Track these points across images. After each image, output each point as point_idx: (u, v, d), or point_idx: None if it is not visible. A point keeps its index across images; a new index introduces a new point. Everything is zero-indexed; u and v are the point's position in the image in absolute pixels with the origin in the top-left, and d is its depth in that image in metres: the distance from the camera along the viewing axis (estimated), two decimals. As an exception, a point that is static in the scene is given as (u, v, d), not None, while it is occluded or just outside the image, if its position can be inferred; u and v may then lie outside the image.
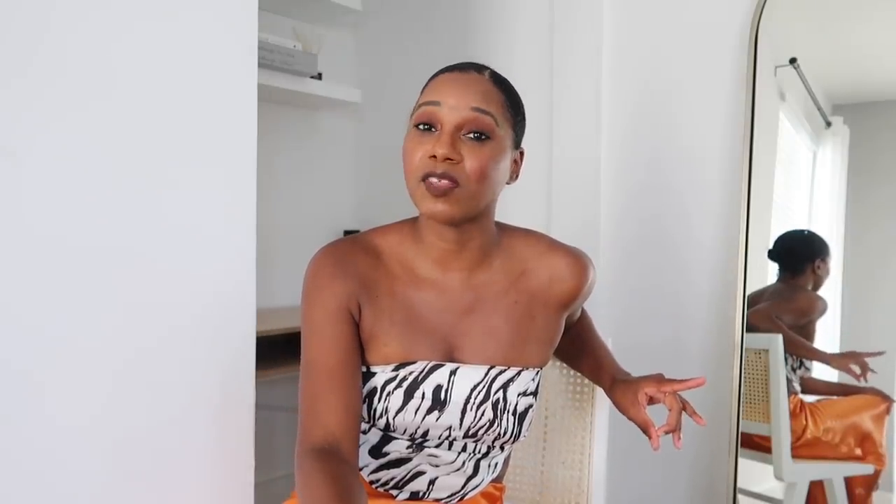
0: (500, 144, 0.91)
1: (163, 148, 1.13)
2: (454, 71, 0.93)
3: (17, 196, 0.98)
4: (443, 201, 0.88)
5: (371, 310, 0.96)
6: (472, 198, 0.90)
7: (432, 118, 0.90)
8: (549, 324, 1.01)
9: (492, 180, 0.91)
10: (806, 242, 1.74)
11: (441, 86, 0.92)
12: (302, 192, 2.29)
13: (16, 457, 0.99)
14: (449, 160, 0.88)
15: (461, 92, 0.90)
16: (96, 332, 1.06)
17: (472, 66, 0.94)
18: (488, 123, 0.90)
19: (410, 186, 0.91)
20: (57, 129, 1.02)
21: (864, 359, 1.61)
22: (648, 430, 1.01)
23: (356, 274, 0.95)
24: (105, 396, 1.07)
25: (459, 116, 0.89)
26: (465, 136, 0.89)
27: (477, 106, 0.89)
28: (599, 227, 1.88)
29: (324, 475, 0.83)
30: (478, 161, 0.89)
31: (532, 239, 1.03)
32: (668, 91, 1.81)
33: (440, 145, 0.88)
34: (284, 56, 1.97)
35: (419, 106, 0.92)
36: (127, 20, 1.08)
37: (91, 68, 1.05)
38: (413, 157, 0.90)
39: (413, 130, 0.92)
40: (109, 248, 1.07)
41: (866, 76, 1.73)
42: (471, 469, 1.01)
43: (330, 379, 0.91)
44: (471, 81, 0.91)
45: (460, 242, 0.95)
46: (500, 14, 2.07)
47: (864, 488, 1.64)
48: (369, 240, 1.00)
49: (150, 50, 1.11)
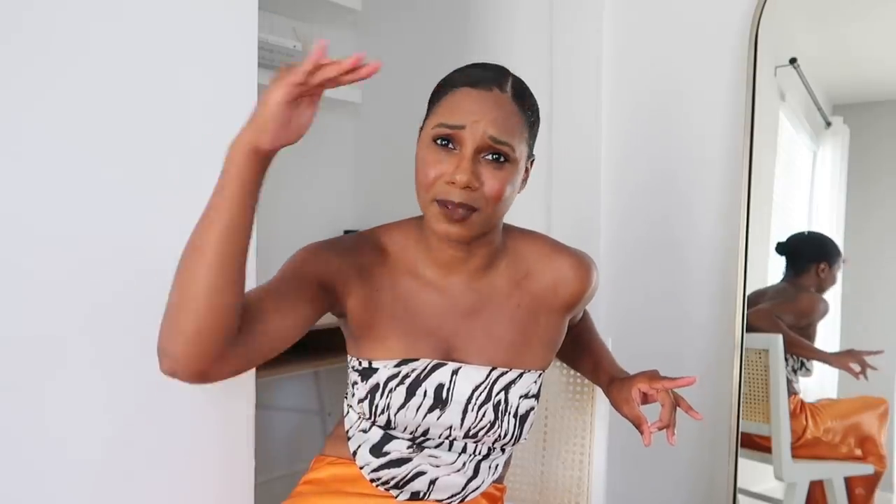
0: (517, 165, 0.92)
1: (163, 148, 1.13)
2: (478, 88, 0.90)
3: (17, 196, 0.98)
4: (458, 225, 0.88)
5: (367, 301, 0.95)
6: (488, 220, 0.91)
7: (452, 138, 0.89)
8: (552, 326, 1.01)
9: (507, 200, 0.91)
10: (813, 243, 1.74)
11: (462, 106, 0.89)
12: (302, 192, 2.29)
13: (15, 456, 0.99)
14: (468, 188, 0.87)
15: (483, 115, 0.88)
16: (96, 332, 1.06)
17: (494, 81, 0.91)
18: (507, 150, 0.89)
19: (422, 202, 0.91)
20: (57, 129, 1.02)
21: (863, 357, 1.61)
22: (641, 426, 1.01)
23: (353, 260, 0.95)
24: (105, 396, 1.07)
25: (480, 141, 0.88)
26: (485, 158, 0.89)
27: (496, 136, 0.88)
28: (600, 226, 1.88)
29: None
30: (497, 184, 0.89)
31: (536, 241, 1.03)
32: (668, 91, 1.81)
33: (461, 171, 0.87)
34: (284, 56, 1.97)
35: (439, 125, 0.90)
36: (127, 20, 1.08)
37: (91, 68, 1.05)
38: (428, 173, 0.89)
39: (430, 144, 0.90)
40: (109, 247, 1.07)
41: (866, 76, 1.73)
42: (471, 471, 1.01)
43: (274, 286, 0.86)
44: (493, 103, 0.89)
45: (467, 252, 0.96)
46: (500, 14, 2.07)
47: (865, 488, 1.64)
48: (375, 236, 1.00)
49: (151, 50, 1.11)
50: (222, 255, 0.75)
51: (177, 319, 0.76)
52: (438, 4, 2.23)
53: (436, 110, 0.92)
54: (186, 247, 0.77)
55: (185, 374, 0.78)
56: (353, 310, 0.95)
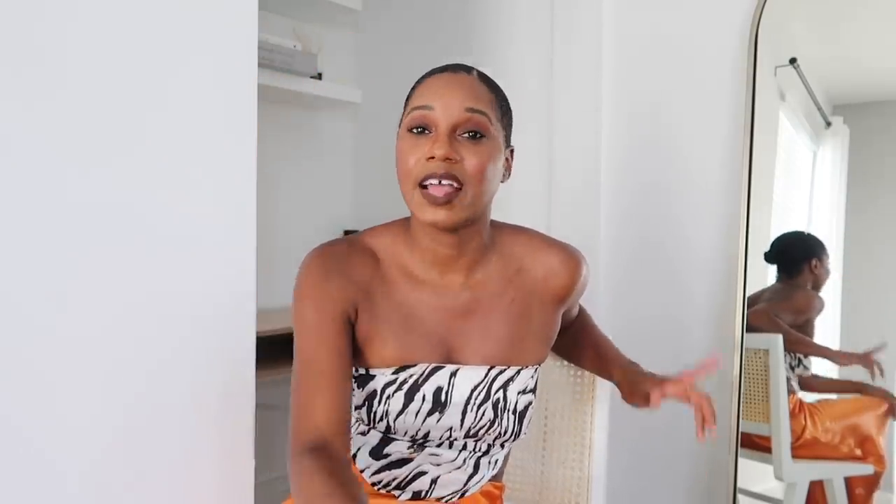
0: (495, 143, 0.91)
1: (163, 148, 1.13)
2: (444, 72, 0.93)
3: (16, 197, 0.98)
4: (445, 209, 0.87)
5: (368, 313, 0.95)
6: (474, 199, 0.89)
7: (426, 121, 0.89)
8: (546, 321, 1.01)
9: (491, 179, 0.91)
10: (800, 242, 1.74)
11: (431, 88, 0.91)
12: (302, 193, 2.29)
13: (15, 456, 0.99)
14: (449, 160, 0.87)
15: (453, 93, 0.89)
16: (96, 332, 1.06)
17: (459, 66, 0.94)
18: (483, 122, 0.89)
19: (406, 192, 0.91)
20: (56, 130, 1.02)
21: (872, 359, 1.61)
22: (657, 401, 1.03)
23: (352, 277, 0.95)
24: (105, 396, 1.07)
25: (454, 117, 0.89)
26: (461, 137, 0.89)
27: (471, 106, 0.89)
28: (600, 227, 1.88)
29: (320, 470, 0.83)
30: (477, 159, 0.88)
31: (525, 236, 1.02)
32: (668, 91, 1.81)
33: (438, 146, 0.87)
34: (284, 56, 1.96)
35: (411, 110, 0.91)
36: (127, 20, 1.08)
37: (90, 68, 1.05)
38: (407, 161, 0.89)
39: (406, 134, 0.91)
40: (109, 248, 1.07)
41: (866, 76, 1.73)
42: (472, 467, 1.01)
43: (322, 380, 0.90)
44: (461, 82, 0.91)
45: (458, 247, 0.95)
46: (500, 14, 2.07)
47: (865, 488, 1.64)
48: (364, 242, 0.99)
49: (151, 50, 1.11)
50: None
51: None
52: (438, 4, 2.23)
53: (408, 104, 0.94)
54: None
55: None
56: (360, 323, 0.95)
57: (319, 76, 2.14)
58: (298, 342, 0.94)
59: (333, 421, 0.89)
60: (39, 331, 1.01)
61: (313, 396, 0.90)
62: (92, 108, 1.05)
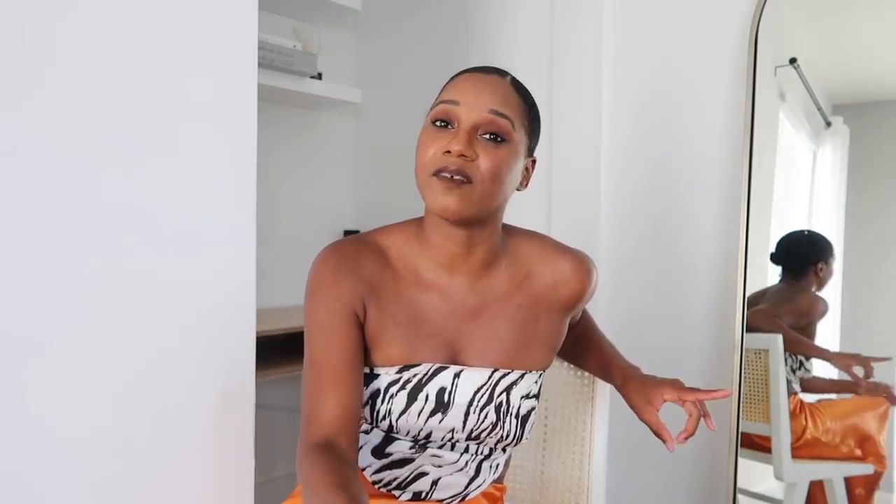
0: (515, 148, 0.91)
1: (163, 148, 1.13)
2: (476, 72, 0.93)
3: (15, 198, 0.98)
4: (454, 194, 0.87)
5: (376, 311, 0.95)
6: (483, 198, 0.89)
7: (450, 116, 0.90)
8: (552, 327, 1.01)
9: (504, 183, 0.91)
10: (808, 244, 1.74)
11: (461, 85, 0.92)
12: (302, 193, 2.29)
13: (15, 456, 0.99)
14: (463, 157, 0.87)
15: (481, 93, 0.90)
16: (96, 333, 1.06)
17: (494, 69, 0.95)
18: (505, 126, 0.90)
19: (420, 181, 0.91)
20: (56, 130, 1.02)
21: (868, 361, 1.61)
22: (661, 433, 1.03)
23: (362, 275, 0.95)
24: (105, 396, 1.07)
25: (477, 116, 0.89)
26: (482, 137, 0.89)
27: (495, 108, 0.89)
28: (600, 227, 1.88)
29: (326, 467, 0.84)
30: (492, 161, 0.88)
31: (536, 241, 1.02)
32: (668, 91, 1.81)
33: (456, 142, 0.87)
34: (284, 56, 1.96)
35: (437, 103, 0.92)
36: (127, 20, 1.08)
37: (90, 68, 1.05)
38: (426, 151, 0.90)
39: (429, 126, 0.92)
40: (109, 248, 1.07)
41: (866, 76, 1.73)
42: (473, 470, 1.01)
43: (333, 379, 0.91)
44: (491, 84, 0.91)
45: (468, 245, 0.94)
46: (500, 14, 2.07)
47: (865, 488, 1.64)
48: (375, 240, 0.99)
49: (151, 50, 1.11)
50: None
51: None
52: (438, 5, 2.23)
53: (437, 98, 0.94)
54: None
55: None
56: (368, 322, 0.95)
57: (319, 76, 2.14)
58: (309, 342, 0.94)
59: (342, 419, 0.89)
60: (39, 331, 1.01)
61: (323, 396, 0.90)
62: (92, 109, 1.05)
